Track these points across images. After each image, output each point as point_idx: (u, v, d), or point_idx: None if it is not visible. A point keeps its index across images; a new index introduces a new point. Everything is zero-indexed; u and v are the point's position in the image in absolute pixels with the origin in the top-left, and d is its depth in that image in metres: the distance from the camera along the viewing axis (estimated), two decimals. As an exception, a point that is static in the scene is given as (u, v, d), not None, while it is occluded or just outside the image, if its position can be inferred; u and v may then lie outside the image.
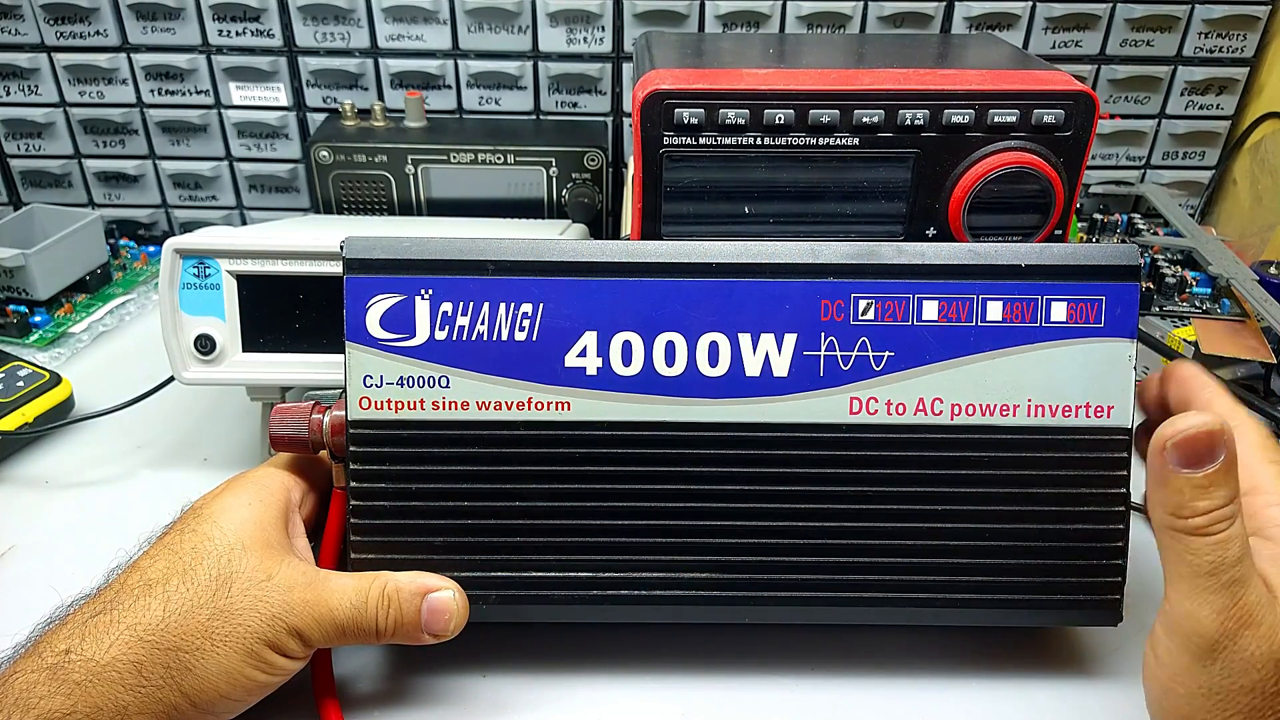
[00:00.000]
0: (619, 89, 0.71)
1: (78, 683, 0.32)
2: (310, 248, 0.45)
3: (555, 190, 0.66)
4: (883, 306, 0.38)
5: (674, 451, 0.38)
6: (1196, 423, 0.30)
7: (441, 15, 0.68)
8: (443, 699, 0.40)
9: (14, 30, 0.69)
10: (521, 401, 0.38)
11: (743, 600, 0.39)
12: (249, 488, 0.39)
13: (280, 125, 0.72)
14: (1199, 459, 0.30)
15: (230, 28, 0.69)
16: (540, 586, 0.39)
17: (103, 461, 0.53)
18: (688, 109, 0.44)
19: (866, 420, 0.38)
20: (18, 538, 0.48)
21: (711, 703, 0.40)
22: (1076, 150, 0.46)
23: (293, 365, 0.47)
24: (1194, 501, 0.30)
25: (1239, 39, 0.70)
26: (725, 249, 0.38)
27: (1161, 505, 0.31)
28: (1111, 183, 0.75)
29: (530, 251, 0.38)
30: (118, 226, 0.76)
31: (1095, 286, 0.38)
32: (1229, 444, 0.30)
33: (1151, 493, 0.32)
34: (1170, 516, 0.31)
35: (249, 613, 0.35)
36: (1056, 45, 0.70)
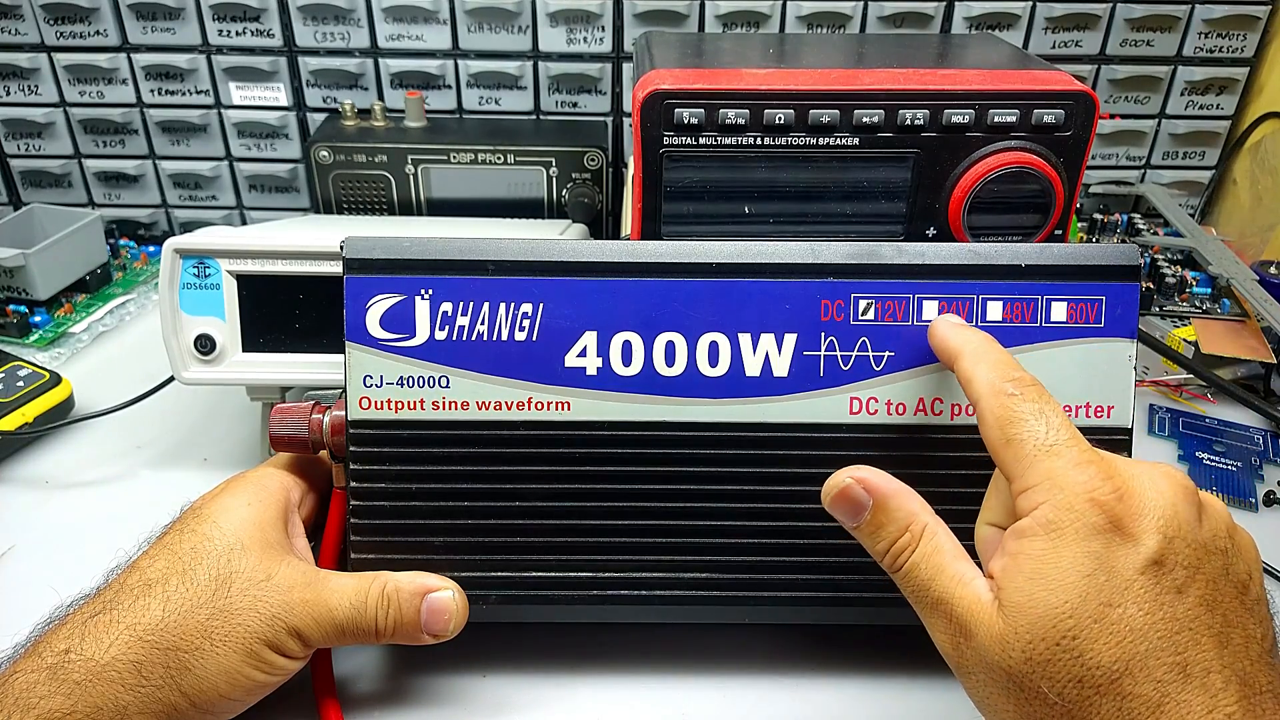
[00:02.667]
0: (619, 89, 0.71)
1: (77, 682, 0.32)
2: (310, 248, 0.45)
3: (555, 190, 0.66)
4: (883, 306, 0.38)
5: (674, 451, 0.38)
6: (833, 484, 0.33)
7: (441, 15, 0.68)
8: (443, 699, 0.40)
9: (14, 30, 0.69)
10: (521, 401, 0.38)
11: (743, 600, 0.39)
12: (248, 488, 0.39)
13: (280, 125, 0.72)
14: (854, 511, 0.33)
15: (230, 28, 0.69)
16: (540, 586, 0.39)
17: (103, 461, 0.53)
18: (688, 109, 0.44)
19: (866, 420, 0.38)
20: (18, 538, 0.48)
21: (711, 703, 0.40)
22: (1076, 150, 0.46)
23: (293, 365, 0.47)
24: (872, 546, 0.33)
25: (1239, 39, 0.70)
26: (725, 249, 0.38)
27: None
28: (1111, 183, 0.75)
29: (530, 251, 0.38)
30: (118, 226, 0.76)
31: (1095, 286, 0.38)
32: (871, 489, 0.33)
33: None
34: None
35: (248, 612, 0.35)
36: (1056, 45, 0.70)
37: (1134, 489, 0.29)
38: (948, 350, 0.35)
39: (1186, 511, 0.29)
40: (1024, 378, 0.32)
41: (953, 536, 0.32)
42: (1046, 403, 0.31)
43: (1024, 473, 0.30)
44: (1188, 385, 0.60)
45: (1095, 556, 0.28)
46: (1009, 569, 0.29)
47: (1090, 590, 0.28)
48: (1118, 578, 0.28)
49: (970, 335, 0.35)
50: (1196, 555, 0.28)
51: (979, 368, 0.33)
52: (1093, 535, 0.28)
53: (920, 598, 0.31)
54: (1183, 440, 0.56)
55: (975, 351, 0.34)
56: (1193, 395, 0.60)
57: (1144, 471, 0.30)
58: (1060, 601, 0.28)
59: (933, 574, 0.31)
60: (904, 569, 0.32)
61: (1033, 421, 0.31)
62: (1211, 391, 0.60)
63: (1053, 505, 0.29)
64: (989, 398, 0.32)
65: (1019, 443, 0.30)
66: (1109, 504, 0.28)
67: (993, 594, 0.30)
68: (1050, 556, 0.28)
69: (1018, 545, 0.29)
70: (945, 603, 0.30)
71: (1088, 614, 0.27)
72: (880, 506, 0.32)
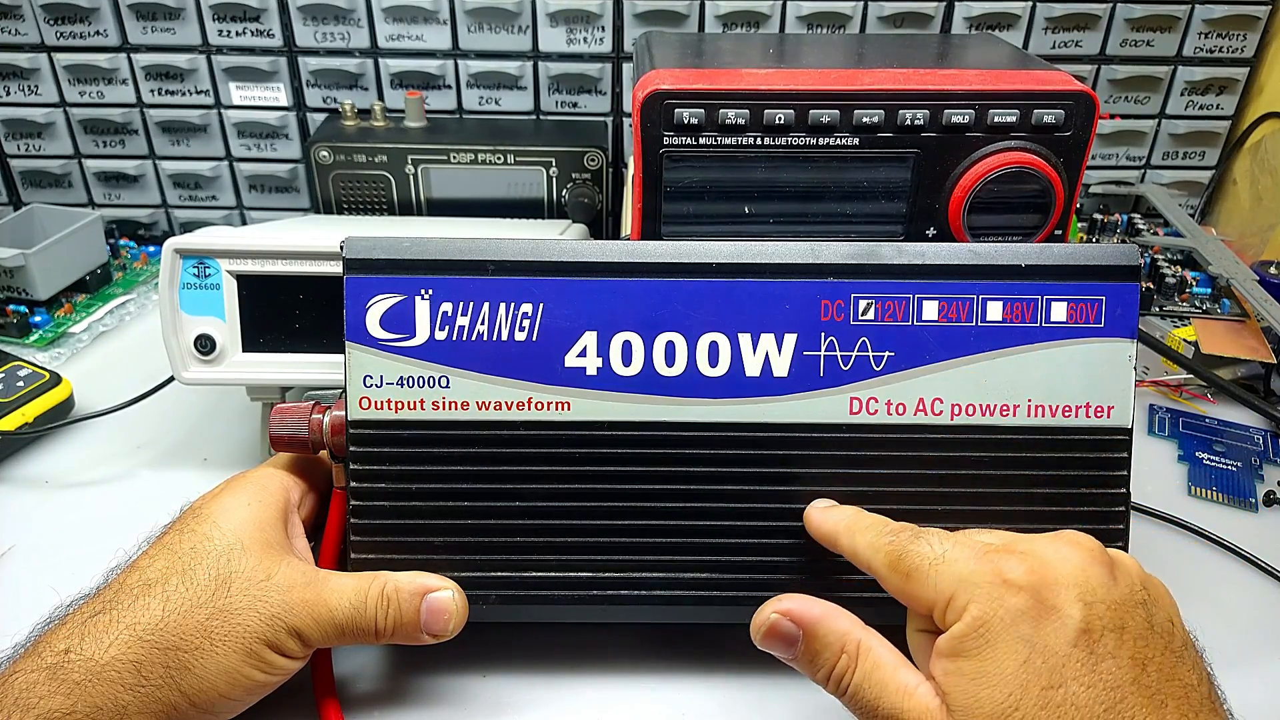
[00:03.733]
0: (619, 89, 0.71)
1: (77, 682, 0.32)
2: (310, 248, 0.45)
3: (555, 190, 0.66)
4: (883, 306, 0.38)
5: (674, 451, 0.38)
6: (759, 622, 0.34)
7: (441, 15, 0.68)
8: (443, 699, 0.40)
9: (14, 30, 0.69)
10: (521, 401, 0.38)
11: (743, 600, 0.39)
12: (248, 488, 0.39)
13: (280, 125, 0.72)
14: (786, 644, 0.34)
15: (230, 28, 0.69)
16: (540, 586, 0.39)
17: (103, 461, 0.53)
18: (688, 109, 0.44)
19: (866, 420, 0.38)
20: (18, 538, 0.48)
21: (711, 703, 0.40)
22: (1076, 150, 0.46)
23: (293, 365, 0.47)
24: (813, 676, 0.33)
25: (1239, 39, 0.70)
26: (725, 249, 0.38)
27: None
28: (1111, 183, 0.75)
29: (530, 251, 0.38)
30: (118, 226, 0.76)
31: (1095, 286, 0.38)
32: (797, 619, 0.33)
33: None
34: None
35: (248, 612, 0.35)
36: (1056, 45, 0.70)
37: (1044, 560, 0.30)
38: (825, 533, 0.37)
39: (1098, 573, 0.30)
40: (895, 526, 0.34)
41: (889, 646, 0.32)
42: (923, 531, 0.33)
43: (935, 591, 0.31)
44: (1188, 385, 0.60)
45: (1026, 641, 0.28)
46: (951, 673, 0.30)
47: (1030, 678, 0.28)
48: (1053, 657, 0.28)
49: (840, 514, 0.37)
50: (1119, 615, 0.29)
51: (856, 537, 0.35)
52: (1019, 620, 0.29)
53: (870, 715, 0.31)
54: (1183, 440, 0.56)
55: (850, 526, 0.35)
56: (1193, 395, 0.60)
57: (1048, 543, 0.31)
58: (1004, 696, 0.28)
59: (878, 691, 0.31)
60: (849, 692, 0.32)
61: (916, 547, 0.32)
62: (1211, 391, 0.60)
63: (976, 602, 0.30)
64: (873, 553, 0.33)
65: (916, 571, 0.31)
66: (1024, 581, 0.29)
67: (939, 699, 0.30)
68: (986, 652, 0.29)
69: (954, 647, 0.30)
70: (896, 717, 0.30)
71: (1032, 701, 0.28)
72: (810, 634, 0.33)
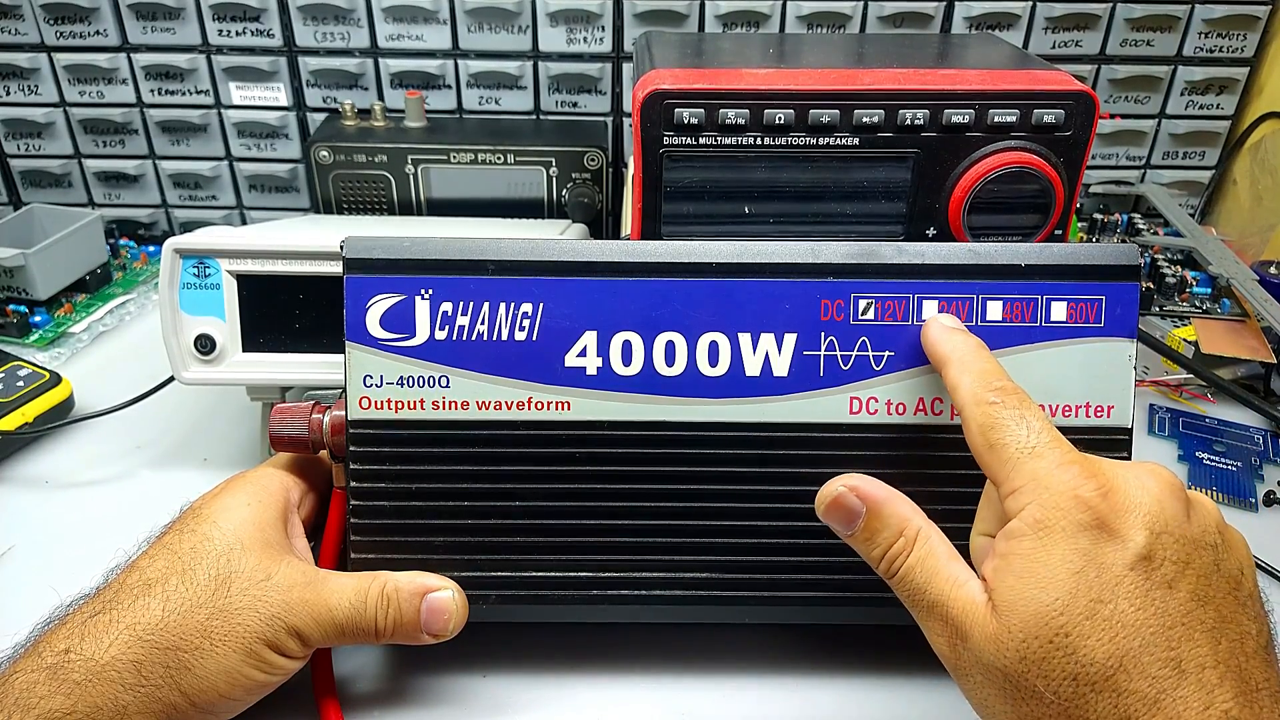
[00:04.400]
0: (619, 89, 0.71)
1: (77, 682, 0.32)
2: (310, 248, 0.45)
3: (555, 190, 0.66)
4: (883, 306, 0.38)
5: (674, 451, 0.38)
6: (826, 493, 0.34)
7: (441, 15, 0.68)
8: (443, 699, 0.40)
9: (14, 30, 0.69)
10: (521, 401, 0.38)
11: (743, 600, 0.39)
12: (248, 488, 0.39)
13: (280, 125, 0.72)
14: (848, 519, 0.34)
15: (230, 28, 0.69)
16: (540, 586, 0.39)
17: (103, 461, 0.53)
18: (688, 109, 0.44)
19: (866, 420, 0.38)
20: (18, 538, 0.48)
21: (711, 703, 0.40)
22: (1076, 150, 0.46)
23: (293, 365, 0.47)
24: (867, 553, 0.33)
25: (1239, 39, 0.70)
26: (725, 249, 0.38)
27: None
28: (1111, 183, 0.75)
29: (530, 251, 0.38)
30: (118, 226, 0.76)
31: (1095, 286, 0.38)
32: (863, 496, 0.33)
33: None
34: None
35: (248, 612, 0.35)
36: (1056, 45, 0.70)
37: (1119, 486, 0.29)
38: (937, 355, 0.36)
39: (1173, 507, 0.29)
40: (1007, 385, 0.33)
41: (946, 540, 0.32)
42: (1028, 408, 0.32)
43: (1009, 476, 0.30)
44: (1188, 385, 0.60)
45: (1083, 553, 0.28)
46: (1000, 569, 0.29)
47: (1080, 587, 0.28)
48: (1107, 573, 0.28)
49: (959, 342, 0.35)
50: (1185, 550, 0.28)
51: (964, 377, 0.34)
52: (1080, 532, 0.28)
53: (916, 601, 0.32)
54: (1183, 440, 0.56)
55: (962, 360, 0.34)
56: (1193, 395, 0.60)
57: (1129, 470, 0.30)
58: (1051, 599, 0.28)
59: (928, 577, 0.31)
60: (899, 574, 0.32)
61: (1014, 426, 0.31)
62: (1211, 391, 0.60)
63: (1039, 505, 0.29)
64: (972, 406, 0.32)
65: (1002, 447, 0.31)
66: (1094, 501, 0.28)
67: (986, 595, 0.30)
68: (1039, 555, 0.29)
69: (1007, 546, 0.29)
70: (941, 605, 0.30)
71: (1079, 610, 0.27)
72: (874, 513, 0.33)
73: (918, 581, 0.31)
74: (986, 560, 0.31)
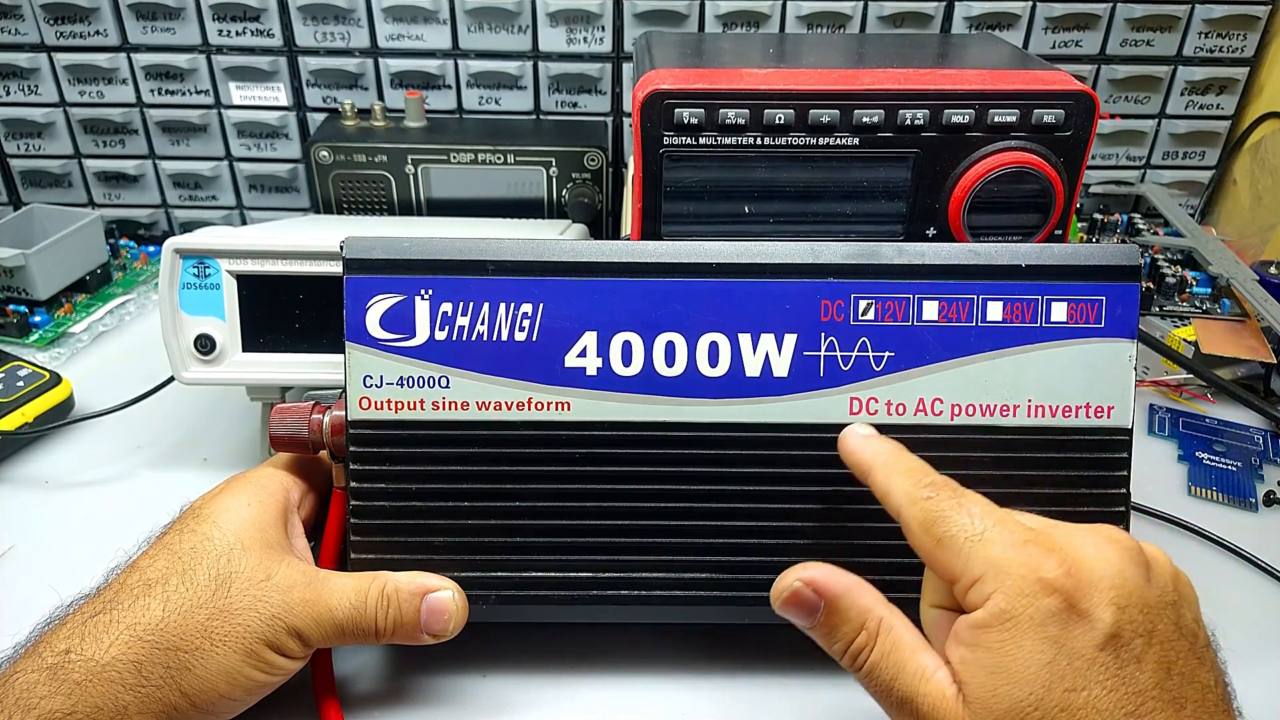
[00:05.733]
0: (619, 89, 0.71)
1: (78, 683, 0.32)
2: (310, 248, 0.45)
3: (555, 190, 0.66)
4: (883, 306, 0.38)
5: (674, 451, 0.38)
6: (780, 588, 0.33)
7: (441, 15, 0.68)
8: (443, 699, 0.40)
9: (14, 30, 0.69)
10: (521, 401, 0.38)
11: (743, 600, 0.39)
12: (248, 488, 0.39)
13: (280, 125, 0.72)
14: (806, 613, 0.33)
15: (230, 28, 0.69)
16: (540, 586, 0.39)
17: (103, 461, 0.53)
18: (688, 109, 0.44)
19: (866, 420, 0.38)
20: (18, 538, 0.48)
21: (711, 703, 0.40)
22: (1076, 150, 0.46)
23: (293, 365, 0.47)
24: (829, 648, 0.33)
25: (1239, 39, 0.70)
26: (725, 249, 0.38)
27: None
28: (1111, 183, 0.75)
29: (530, 251, 0.38)
30: (118, 226, 0.76)
31: (1095, 286, 0.38)
32: (821, 589, 0.32)
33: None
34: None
35: (248, 612, 0.35)
36: (1056, 45, 0.70)
37: (1080, 559, 0.29)
38: (859, 463, 0.35)
39: (1134, 574, 0.29)
40: (937, 480, 0.33)
41: (911, 627, 0.32)
42: (964, 495, 0.32)
43: (965, 567, 0.30)
44: (1188, 385, 0.60)
45: (1053, 642, 0.28)
46: (969, 662, 0.29)
47: (1053, 678, 0.28)
48: (1079, 660, 0.28)
49: (879, 446, 0.35)
50: (1150, 619, 0.28)
51: (893, 478, 0.33)
52: (1048, 620, 0.28)
53: (884, 697, 0.31)
54: (1183, 440, 0.56)
55: (886, 463, 0.34)
56: (1193, 395, 0.60)
57: (1087, 539, 0.30)
58: (1025, 694, 0.28)
59: (895, 672, 0.31)
60: (865, 669, 0.31)
61: (956, 516, 0.31)
62: (1211, 391, 0.60)
63: (1004, 594, 0.29)
64: (909, 505, 0.32)
65: (950, 539, 0.30)
66: (1058, 582, 0.28)
67: (956, 687, 0.29)
68: (1009, 648, 0.28)
69: (973, 636, 0.29)
70: (910, 700, 0.30)
71: (1054, 703, 0.27)
72: (832, 608, 0.32)
73: (884, 677, 0.31)
74: (951, 645, 0.30)
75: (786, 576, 0.33)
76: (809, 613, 0.33)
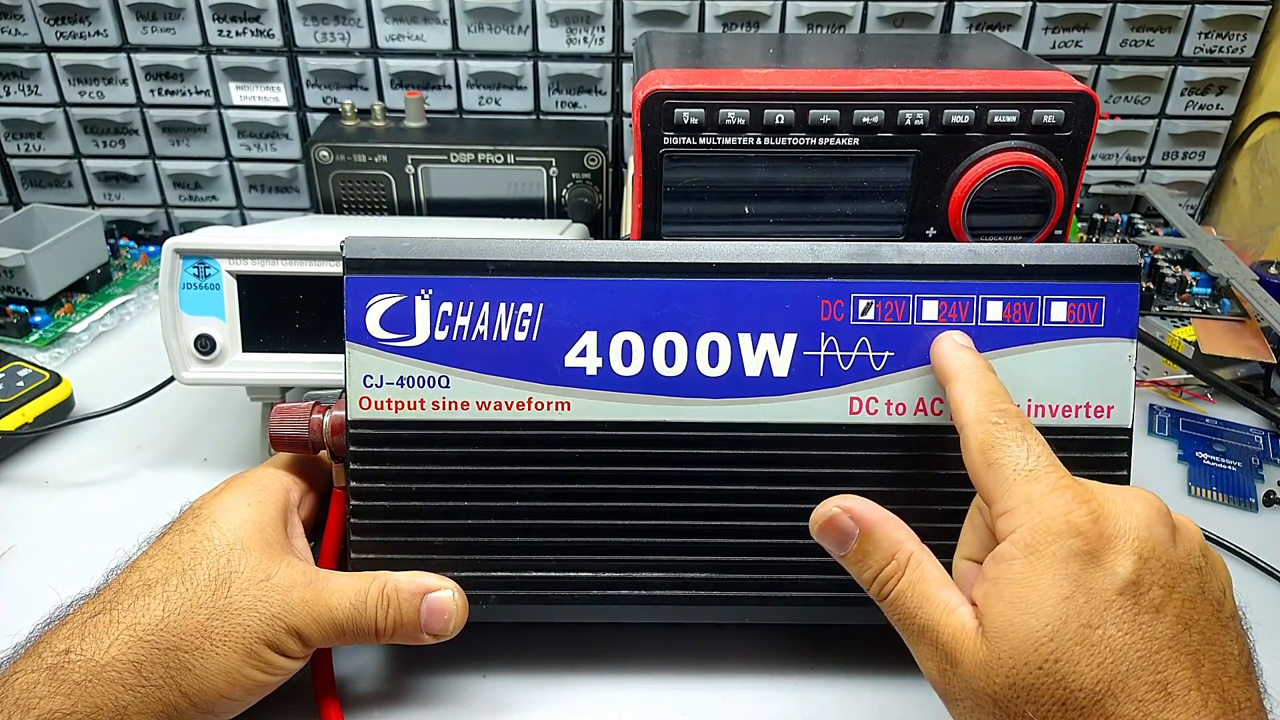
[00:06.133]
0: (619, 89, 0.71)
1: (77, 683, 0.32)
2: (310, 248, 0.45)
3: (555, 190, 0.66)
4: (883, 306, 0.38)
5: (674, 451, 0.38)
6: (820, 514, 0.34)
7: (441, 15, 0.68)
8: (443, 699, 0.40)
9: (14, 30, 0.69)
10: (521, 401, 0.38)
11: (743, 600, 0.39)
12: (248, 488, 0.39)
13: (280, 125, 0.72)
14: (841, 540, 0.34)
15: (230, 28, 0.69)
16: (540, 586, 0.39)
17: (103, 461, 0.53)
18: (688, 109, 0.44)
19: (866, 420, 0.38)
20: (18, 538, 0.48)
21: (711, 703, 0.40)
22: (1076, 150, 0.46)
23: (293, 365, 0.47)
24: (859, 575, 0.34)
25: (1239, 39, 0.70)
26: (725, 249, 0.38)
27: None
28: (1111, 183, 0.75)
29: (530, 251, 0.38)
30: (118, 226, 0.76)
31: (1095, 286, 0.38)
32: (857, 518, 0.33)
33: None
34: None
35: (248, 612, 0.35)
36: (1056, 45, 0.70)
37: (1109, 512, 0.29)
38: (944, 370, 0.36)
39: (1161, 532, 0.29)
40: (1010, 409, 0.33)
41: (938, 564, 0.33)
42: (1030, 432, 0.32)
43: (1003, 496, 0.31)
44: (1188, 385, 0.60)
45: (1073, 579, 0.28)
46: (990, 594, 0.30)
47: (1070, 612, 0.28)
48: (1096, 599, 0.28)
49: (968, 360, 0.36)
50: (1171, 575, 0.29)
51: (969, 394, 0.34)
52: (1070, 558, 0.29)
53: (906, 626, 0.32)
54: (1183, 440, 0.56)
55: (970, 378, 0.35)
56: (1193, 395, 0.60)
57: (1118, 495, 0.30)
58: (1041, 625, 0.28)
59: (918, 602, 0.31)
60: (890, 597, 0.32)
61: (1014, 447, 0.31)
62: (1211, 391, 0.60)
63: (1030, 528, 0.29)
64: (975, 424, 0.33)
65: (1000, 467, 0.31)
66: (1085, 526, 0.29)
67: (976, 621, 0.30)
68: (1029, 579, 0.29)
69: (997, 570, 0.30)
70: (931, 630, 0.31)
71: (1069, 636, 0.28)
72: (866, 535, 0.33)
73: (908, 606, 0.32)
74: (975, 585, 0.31)
75: (826, 505, 0.34)
76: (844, 540, 0.33)
